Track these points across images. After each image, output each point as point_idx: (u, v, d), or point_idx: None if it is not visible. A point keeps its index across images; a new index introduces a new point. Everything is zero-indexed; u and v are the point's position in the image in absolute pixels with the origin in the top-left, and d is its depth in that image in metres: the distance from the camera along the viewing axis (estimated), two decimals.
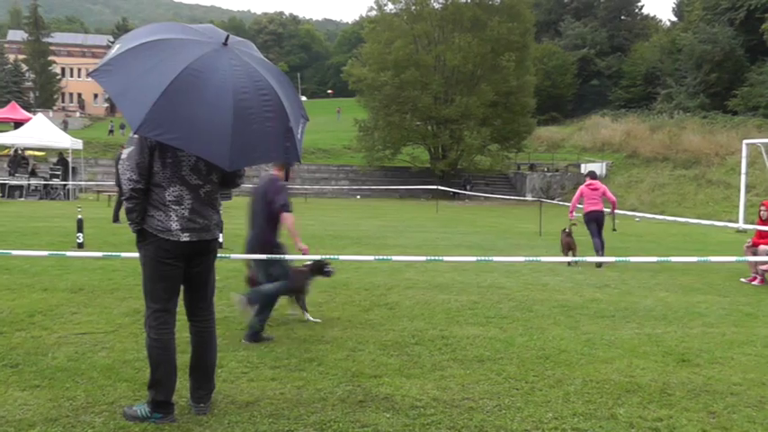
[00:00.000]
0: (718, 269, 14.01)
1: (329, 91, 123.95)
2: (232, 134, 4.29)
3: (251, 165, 4.91)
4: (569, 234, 14.97)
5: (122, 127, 64.67)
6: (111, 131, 65.43)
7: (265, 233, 7.52)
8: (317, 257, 8.36)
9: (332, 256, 8.84)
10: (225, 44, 4.61)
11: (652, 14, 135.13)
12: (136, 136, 4.62)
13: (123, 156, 4.75)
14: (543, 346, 7.38)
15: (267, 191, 7.41)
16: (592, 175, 15.73)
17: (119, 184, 15.15)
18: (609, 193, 15.41)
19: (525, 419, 5.14)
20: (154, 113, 4.17)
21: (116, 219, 19.85)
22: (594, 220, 14.94)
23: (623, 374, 6.35)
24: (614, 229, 16.13)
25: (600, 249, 14.78)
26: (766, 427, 5.14)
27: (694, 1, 70.03)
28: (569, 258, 14.16)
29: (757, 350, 7.48)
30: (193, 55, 4.39)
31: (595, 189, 15.13)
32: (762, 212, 12.95)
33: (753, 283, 12.46)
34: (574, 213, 15.28)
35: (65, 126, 59.31)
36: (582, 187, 15.48)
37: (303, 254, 7.64)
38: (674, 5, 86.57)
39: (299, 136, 4.68)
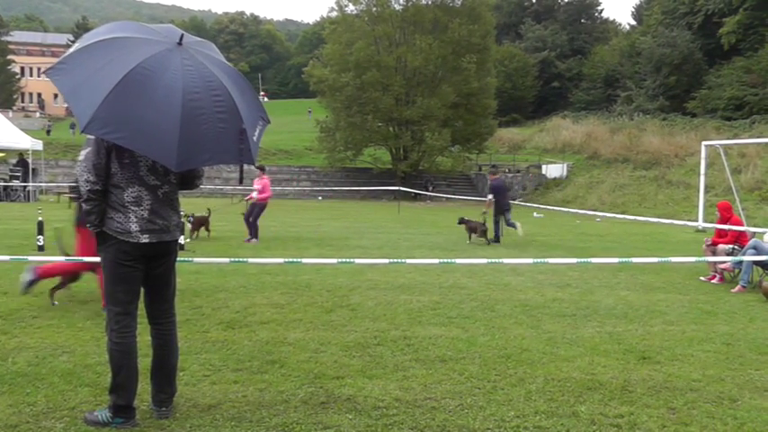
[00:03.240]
0: (678, 268, 14.19)
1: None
2: (180, 134, 4.22)
3: (202, 165, 4.85)
4: None
5: (72, 127, 62.75)
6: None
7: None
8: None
9: (295, 260, 8.81)
10: (180, 44, 4.55)
11: (611, 18, 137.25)
12: (92, 137, 4.56)
13: (80, 157, 4.69)
14: (505, 345, 7.42)
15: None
16: (261, 168, 19.67)
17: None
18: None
19: (487, 418, 5.16)
20: (102, 112, 4.11)
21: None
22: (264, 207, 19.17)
23: (585, 372, 6.41)
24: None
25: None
26: (725, 422, 5.22)
27: (653, 5, 70.88)
28: None
29: (716, 347, 7.60)
30: (145, 54, 4.33)
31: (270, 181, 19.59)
32: (717, 213, 13.22)
33: (712, 281, 12.64)
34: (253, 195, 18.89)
35: None
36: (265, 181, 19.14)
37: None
38: (633, 9, 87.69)
39: (255, 138, 4.61)
